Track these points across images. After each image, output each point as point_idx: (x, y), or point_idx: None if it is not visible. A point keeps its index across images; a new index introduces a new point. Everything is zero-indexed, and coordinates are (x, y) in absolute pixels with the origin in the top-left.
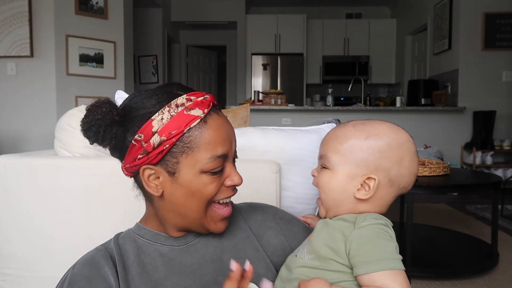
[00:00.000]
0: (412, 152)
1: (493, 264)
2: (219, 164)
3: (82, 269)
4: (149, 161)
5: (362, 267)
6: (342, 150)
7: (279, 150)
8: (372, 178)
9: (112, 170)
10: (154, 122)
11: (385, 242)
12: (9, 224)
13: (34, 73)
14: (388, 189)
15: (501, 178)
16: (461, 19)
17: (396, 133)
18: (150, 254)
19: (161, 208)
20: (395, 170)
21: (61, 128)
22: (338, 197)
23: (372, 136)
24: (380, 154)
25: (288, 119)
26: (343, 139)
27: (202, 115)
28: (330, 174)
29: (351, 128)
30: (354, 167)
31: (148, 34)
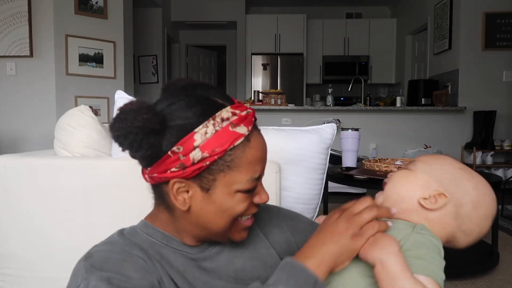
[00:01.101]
0: (491, 210)
1: (493, 264)
2: (255, 184)
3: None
4: (183, 175)
5: (411, 263)
6: (433, 165)
7: (279, 150)
8: (444, 196)
9: (112, 170)
10: (196, 135)
11: (437, 256)
12: (9, 224)
13: (33, 73)
14: (451, 219)
15: (501, 178)
16: (461, 19)
17: (489, 191)
18: (164, 254)
19: (182, 219)
20: (468, 209)
21: (60, 128)
22: (404, 194)
23: (465, 173)
24: (464, 188)
25: (288, 119)
26: (440, 160)
27: (246, 133)
28: (408, 173)
29: (452, 161)
30: (435, 180)
31: (148, 34)
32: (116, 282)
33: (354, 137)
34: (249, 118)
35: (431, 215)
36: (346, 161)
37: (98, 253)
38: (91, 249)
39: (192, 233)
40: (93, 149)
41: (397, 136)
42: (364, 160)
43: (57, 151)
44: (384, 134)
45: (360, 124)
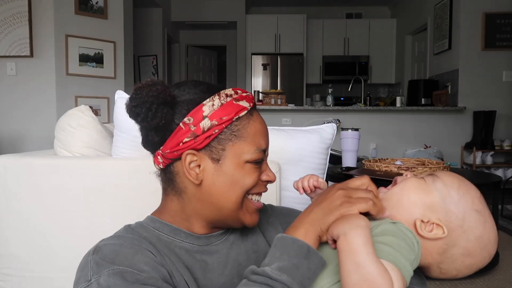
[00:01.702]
0: (480, 263)
1: (493, 264)
2: (262, 156)
3: (119, 248)
4: (195, 145)
5: (377, 248)
6: (452, 192)
7: (279, 150)
8: (441, 228)
9: (112, 170)
10: (205, 107)
11: (406, 247)
12: (9, 224)
13: (34, 73)
14: (436, 253)
15: (501, 178)
16: (461, 19)
17: (489, 246)
18: (172, 247)
19: (193, 200)
20: (457, 253)
21: (61, 128)
22: (405, 204)
23: (478, 218)
24: (467, 232)
25: (288, 119)
26: (462, 191)
27: (249, 107)
28: (424, 186)
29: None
30: (443, 209)
31: (148, 34)
32: (130, 277)
33: (354, 137)
34: (249, 97)
35: (422, 240)
36: (346, 161)
37: (107, 247)
38: (100, 243)
39: (204, 215)
40: (93, 149)
41: (397, 136)
42: (364, 160)
43: (57, 151)
44: (384, 134)
45: (360, 124)
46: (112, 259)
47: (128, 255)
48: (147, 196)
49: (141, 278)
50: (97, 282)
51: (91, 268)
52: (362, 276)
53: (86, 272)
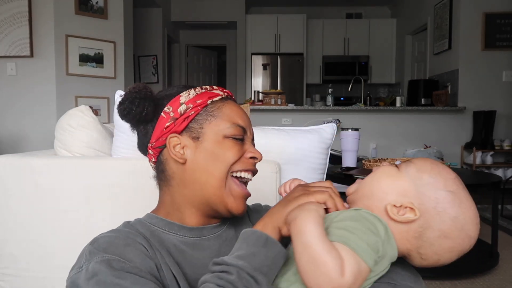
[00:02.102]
0: (460, 247)
1: (493, 264)
2: (240, 132)
3: (114, 239)
4: (175, 128)
5: (332, 233)
6: (425, 175)
7: (279, 150)
8: (413, 211)
9: (112, 170)
10: (181, 97)
11: (364, 229)
12: (9, 224)
13: (34, 73)
14: (412, 237)
15: (501, 178)
16: (461, 19)
17: (470, 227)
18: (165, 241)
19: (182, 184)
20: (433, 235)
21: (61, 128)
22: (376, 191)
23: (454, 200)
24: (442, 214)
25: (288, 119)
26: (435, 174)
27: (223, 94)
28: (394, 172)
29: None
30: (415, 192)
31: (148, 34)
32: (116, 264)
33: (354, 137)
34: (224, 90)
35: (393, 225)
36: (346, 161)
37: (103, 238)
38: (98, 236)
39: (191, 198)
40: (93, 149)
41: (397, 136)
42: (364, 160)
43: (57, 151)
44: (384, 134)
45: (360, 124)
46: (105, 249)
47: (119, 246)
48: (147, 196)
49: (127, 267)
50: (86, 269)
51: (85, 256)
52: (309, 257)
53: (80, 260)
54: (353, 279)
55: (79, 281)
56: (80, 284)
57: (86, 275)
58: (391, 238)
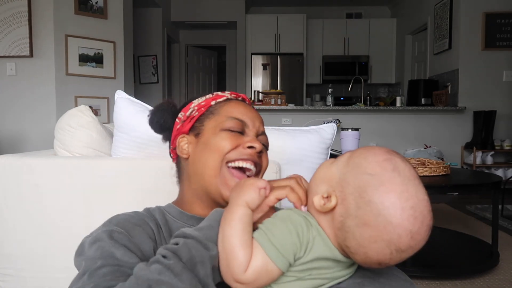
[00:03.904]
0: (385, 237)
1: (493, 264)
2: (238, 125)
3: (129, 217)
4: (183, 129)
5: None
6: (357, 159)
7: (279, 150)
8: (334, 198)
9: (112, 170)
10: (193, 103)
11: (282, 227)
12: (9, 224)
13: (33, 73)
14: (337, 229)
15: (501, 178)
16: (461, 19)
17: (394, 206)
18: (174, 230)
19: (189, 178)
20: (351, 224)
21: (60, 128)
22: (312, 185)
23: (382, 183)
24: (363, 198)
25: (288, 119)
26: (369, 156)
27: (229, 96)
28: (330, 162)
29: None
30: (340, 178)
31: (148, 34)
32: (116, 235)
33: (354, 137)
34: (236, 94)
35: (322, 218)
36: None
37: (121, 215)
38: (120, 213)
39: (196, 190)
40: (93, 149)
41: (397, 136)
42: None
43: (57, 151)
44: (384, 134)
45: (360, 124)
46: (117, 223)
47: (130, 224)
48: (147, 196)
49: (124, 240)
50: (92, 235)
51: (99, 227)
52: (224, 246)
53: (97, 228)
54: (254, 278)
55: (85, 244)
56: (85, 246)
57: (91, 240)
58: (321, 232)
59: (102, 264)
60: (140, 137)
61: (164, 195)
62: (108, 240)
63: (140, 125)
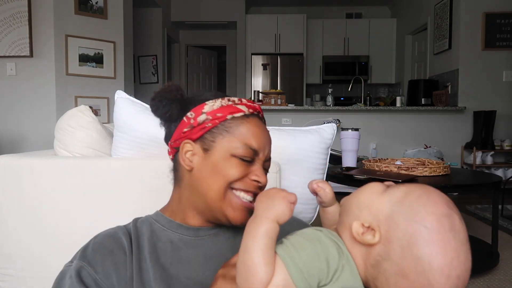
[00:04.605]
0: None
1: (493, 264)
2: (250, 154)
3: (105, 240)
4: (191, 135)
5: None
6: (410, 203)
7: (279, 150)
8: (373, 235)
9: (112, 170)
10: (206, 106)
11: (308, 246)
12: (9, 224)
13: (33, 73)
14: (370, 265)
15: (501, 178)
16: (461, 19)
17: (442, 271)
18: (162, 239)
19: (188, 188)
20: (390, 270)
21: (60, 128)
22: (353, 205)
23: (433, 241)
24: (411, 249)
25: (288, 119)
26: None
27: (247, 111)
28: (382, 190)
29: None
30: (387, 216)
31: (148, 34)
32: (85, 274)
33: (354, 137)
34: (252, 107)
35: (356, 246)
36: (346, 161)
37: (100, 236)
38: (99, 233)
39: (194, 203)
40: (93, 149)
41: (397, 136)
42: (364, 160)
43: (57, 151)
44: (384, 134)
45: (360, 124)
46: (86, 255)
47: (103, 252)
48: (147, 196)
49: (90, 280)
50: (67, 266)
51: (79, 252)
52: (244, 259)
53: (77, 254)
54: None
55: (66, 275)
56: (65, 277)
57: (69, 273)
58: (351, 262)
59: None
60: (140, 137)
61: (164, 195)
62: (76, 281)
63: (140, 125)
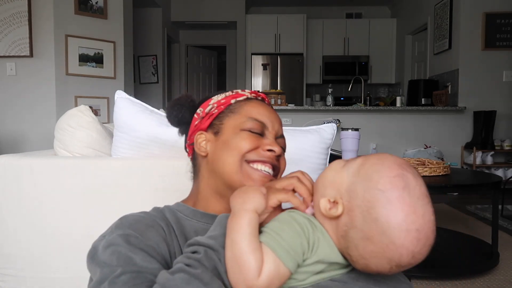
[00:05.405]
0: (387, 254)
1: (493, 264)
2: (258, 127)
3: (139, 217)
4: (201, 126)
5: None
6: (369, 169)
7: None
8: (339, 205)
9: (112, 170)
10: (212, 99)
11: (288, 230)
12: (9, 224)
13: (33, 73)
14: (341, 236)
15: (501, 178)
16: (461, 19)
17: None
18: (187, 227)
19: (206, 174)
20: (356, 236)
21: (60, 128)
22: (319, 186)
23: (391, 199)
24: (371, 212)
25: (288, 119)
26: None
27: (249, 95)
28: (341, 165)
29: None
30: (349, 186)
31: (148, 34)
32: (133, 240)
33: (354, 137)
34: (256, 93)
35: (327, 222)
36: None
37: (131, 216)
38: (125, 215)
39: (214, 186)
40: (93, 149)
41: (397, 136)
42: None
43: (57, 151)
44: (384, 134)
45: (360, 124)
46: (130, 225)
47: (143, 225)
48: (147, 196)
49: (142, 245)
50: (106, 239)
51: (111, 228)
52: (233, 253)
53: (106, 231)
54: (268, 282)
55: (99, 247)
56: (99, 250)
57: (105, 243)
58: (325, 235)
59: (122, 271)
60: (140, 137)
61: (165, 195)
62: (125, 245)
63: (140, 125)
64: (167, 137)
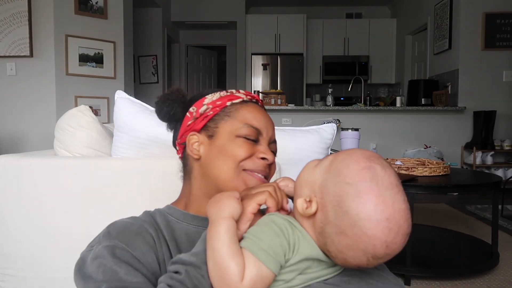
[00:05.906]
0: (362, 246)
1: (493, 264)
2: (253, 133)
3: (127, 225)
4: (195, 126)
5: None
6: (339, 165)
7: (279, 150)
8: (313, 202)
9: (112, 170)
10: (206, 98)
11: (269, 232)
12: (9, 224)
13: (33, 73)
14: (318, 233)
15: (501, 178)
16: (461, 19)
17: (369, 218)
18: (178, 231)
19: (199, 177)
20: (331, 231)
21: (60, 128)
22: (296, 186)
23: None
24: (342, 206)
25: (288, 119)
26: (351, 163)
27: (244, 97)
28: (313, 165)
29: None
30: (321, 183)
31: (148, 34)
32: (118, 252)
33: (354, 137)
34: (251, 95)
35: (305, 221)
36: None
37: (120, 223)
38: (117, 219)
39: (206, 190)
40: (93, 149)
41: (397, 136)
42: None
43: (57, 151)
44: (384, 134)
45: (360, 124)
46: (117, 234)
47: (131, 233)
48: (147, 196)
49: (126, 257)
50: (93, 250)
51: (99, 237)
52: (214, 261)
53: (95, 240)
54: (251, 286)
55: (87, 259)
56: (87, 261)
57: (92, 256)
58: (305, 235)
59: (106, 287)
60: (140, 137)
61: (164, 195)
62: (110, 258)
63: (140, 125)
64: (167, 137)
